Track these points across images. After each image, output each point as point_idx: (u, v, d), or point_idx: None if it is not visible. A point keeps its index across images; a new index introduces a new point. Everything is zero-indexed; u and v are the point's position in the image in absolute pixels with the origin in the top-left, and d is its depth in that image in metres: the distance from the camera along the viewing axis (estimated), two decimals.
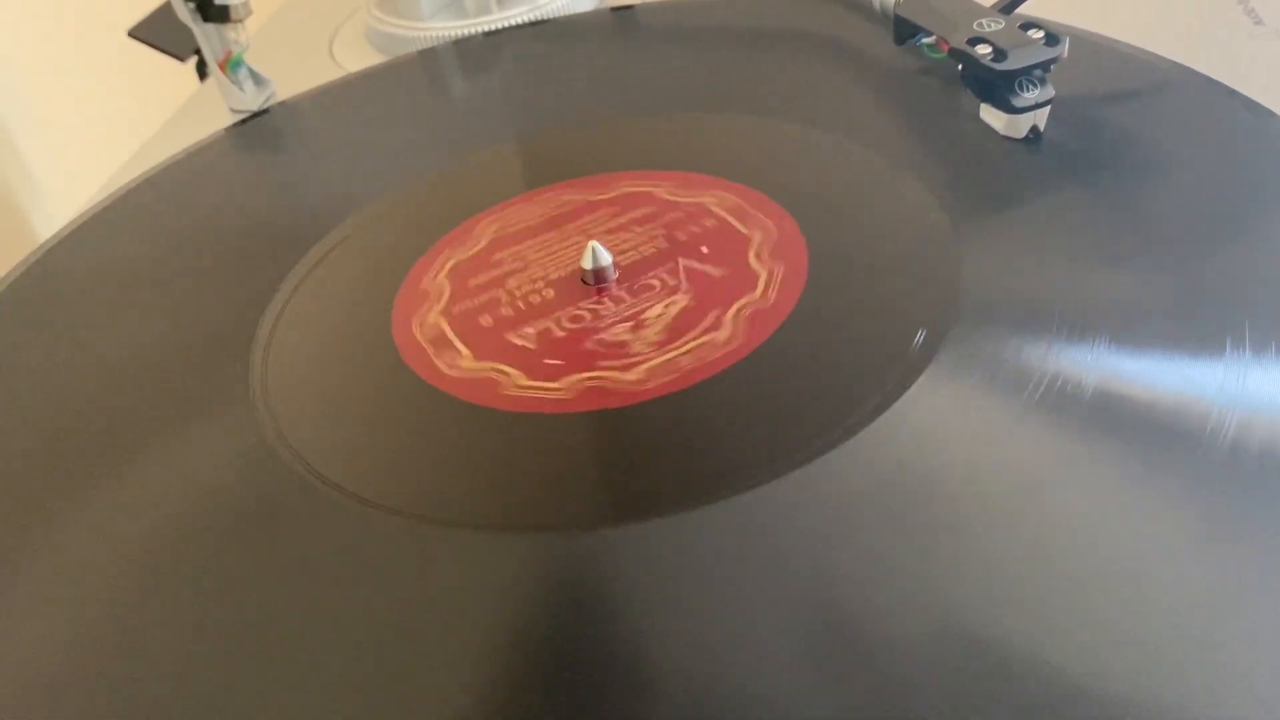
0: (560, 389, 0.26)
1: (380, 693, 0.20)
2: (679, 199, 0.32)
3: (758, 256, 0.29)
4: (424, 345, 0.28)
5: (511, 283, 0.30)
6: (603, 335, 0.27)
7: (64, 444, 0.27)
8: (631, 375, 0.26)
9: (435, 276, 0.31)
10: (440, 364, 0.27)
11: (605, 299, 0.28)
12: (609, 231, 0.31)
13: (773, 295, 0.27)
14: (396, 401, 0.27)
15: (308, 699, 0.20)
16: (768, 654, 0.19)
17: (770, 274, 0.28)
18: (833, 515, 0.22)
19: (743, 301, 0.27)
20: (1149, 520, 0.21)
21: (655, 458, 0.24)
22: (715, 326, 0.26)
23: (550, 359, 0.27)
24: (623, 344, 0.27)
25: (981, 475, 0.22)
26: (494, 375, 0.26)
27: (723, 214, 0.31)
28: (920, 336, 0.25)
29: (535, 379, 0.26)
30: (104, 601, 0.23)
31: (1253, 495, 0.21)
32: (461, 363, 0.27)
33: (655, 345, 0.26)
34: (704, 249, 0.29)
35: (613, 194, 0.33)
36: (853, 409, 0.23)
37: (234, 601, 0.22)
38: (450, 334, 0.28)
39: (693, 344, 0.26)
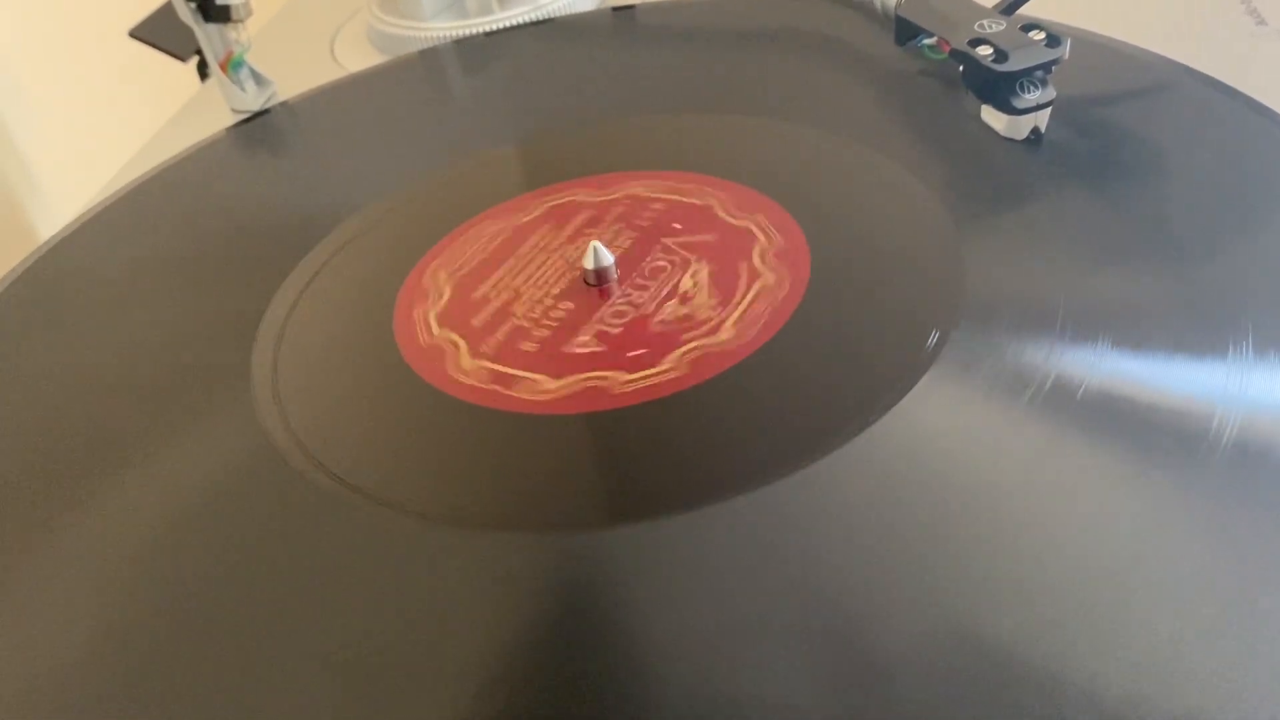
0: (668, 369, 0.26)
1: (383, 691, 0.20)
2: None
3: (729, 214, 0.29)
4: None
5: (518, 307, 0.29)
6: (661, 316, 0.27)
7: (66, 444, 0.27)
8: (722, 335, 0.26)
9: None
10: (518, 392, 0.27)
11: (628, 291, 0.28)
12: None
13: (781, 240, 0.28)
14: (407, 403, 0.27)
15: (310, 697, 0.20)
16: (772, 655, 0.19)
17: (759, 226, 0.28)
18: (836, 516, 0.22)
19: (758, 247, 0.27)
20: (1152, 521, 0.21)
21: (659, 458, 0.24)
22: (754, 274, 0.27)
23: (633, 351, 0.26)
24: (687, 316, 0.27)
25: (984, 476, 0.22)
26: (595, 383, 0.26)
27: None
28: (930, 337, 0.25)
29: (634, 371, 0.26)
30: (111, 601, 0.23)
31: (1255, 496, 0.21)
32: (542, 387, 0.27)
33: (719, 304, 0.27)
34: (676, 225, 0.29)
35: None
36: (856, 410, 0.23)
37: (240, 602, 0.22)
38: (510, 369, 0.27)
39: (752, 292, 0.27)
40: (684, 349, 0.26)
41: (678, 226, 0.30)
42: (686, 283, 0.28)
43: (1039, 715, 0.18)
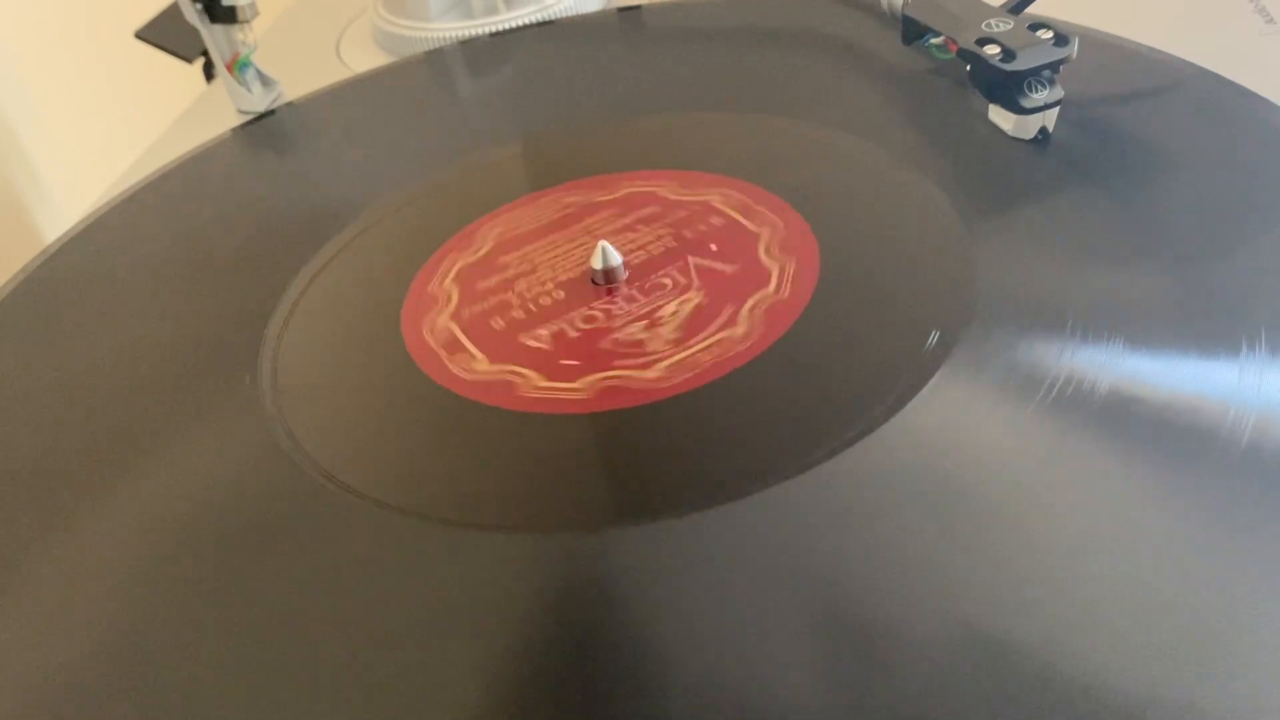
0: (579, 389, 0.26)
1: (393, 691, 0.20)
2: (686, 198, 0.32)
3: (768, 252, 0.29)
4: (435, 348, 0.28)
5: (520, 284, 0.30)
6: (618, 335, 0.27)
7: (73, 445, 0.27)
8: (651, 373, 0.26)
9: (443, 279, 0.31)
10: (453, 367, 0.27)
11: (617, 299, 0.28)
12: (616, 231, 0.31)
13: (786, 291, 0.27)
14: (410, 404, 0.27)
15: (319, 699, 0.20)
16: (782, 656, 0.19)
17: (783, 269, 0.28)
18: (847, 516, 0.21)
19: (757, 297, 0.27)
20: (1165, 520, 0.21)
21: (670, 457, 0.24)
22: (731, 323, 0.26)
23: (567, 359, 0.27)
24: (639, 342, 0.27)
25: (995, 476, 0.22)
26: (510, 377, 0.26)
27: (731, 213, 0.31)
28: (934, 336, 0.25)
29: (554, 380, 0.26)
30: (117, 606, 0.23)
31: (1270, 495, 0.20)
32: (475, 365, 0.27)
33: (672, 343, 0.26)
34: (713, 246, 0.29)
35: (619, 194, 0.33)
36: (868, 408, 0.23)
37: (246, 604, 0.22)
38: (462, 337, 0.28)
39: (710, 340, 0.26)
40: (604, 374, 0.26)
41: (714, 248, 0.29)
42: (669, 309, 0.28)
43: (1052, 715, 0.18)
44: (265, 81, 0.43)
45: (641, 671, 0.20)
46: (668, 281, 0.29)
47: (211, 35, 0.41)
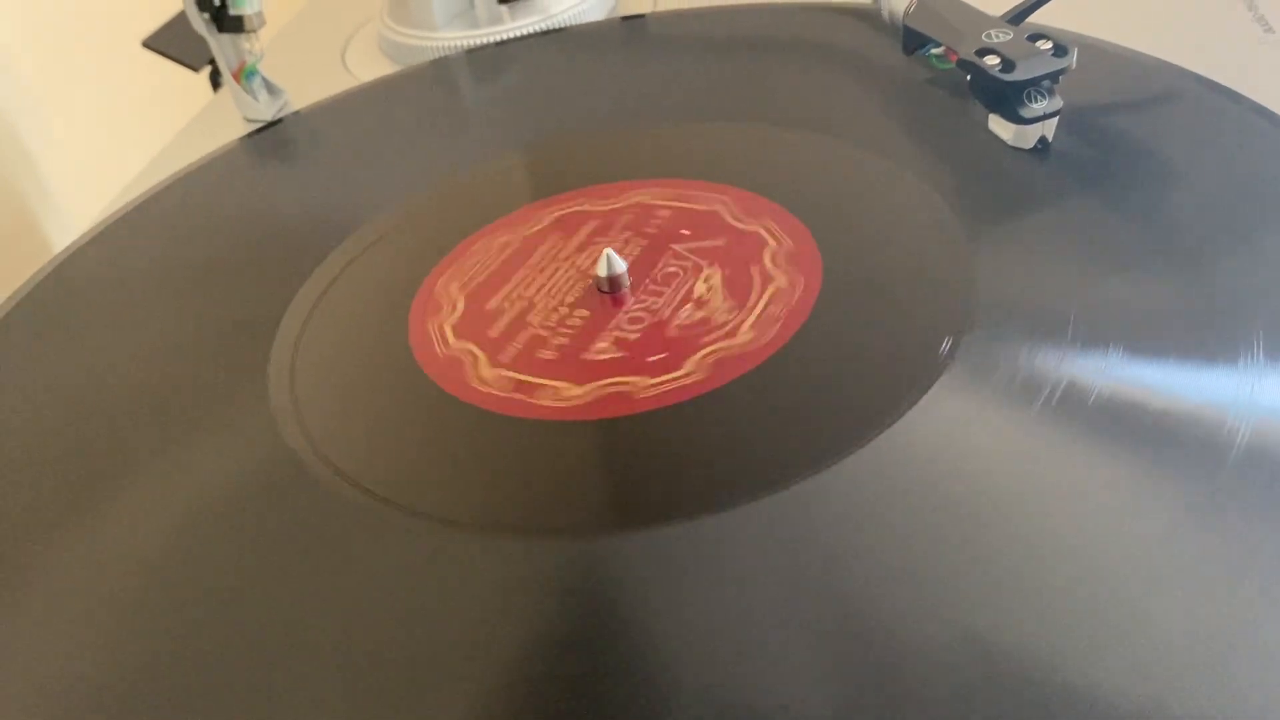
0: (690, 371, 0.26)
1: (403, 695, 0.20)
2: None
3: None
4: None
5: (535, 294, 0.30)
6: (677, 321, 0.27)
7: (80, 454, 0.27)
8: (741, 337, 0.26)
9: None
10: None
11: (643, 297, 0.29)
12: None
13: (790, 244, 0.28)
14: (418, 411, 0.27)
15: (329, 702, 0.20)
16: (792, 660, 0.19)
17: (768, 230, 0.28)
18: (853, 520, 0.22)
19: (769, 250, 0.27)
20: (1165, 526, 0.21)
21: (673, 463, 0.24)
22: (767, 276, 0.27)
23: (653, 356, 0.27)
24: (704, 320, 0.27)
25: (997, 481, 0.22)
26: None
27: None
28: (943, 343, 0.25)
29: (656, 375, 0.26)
30: (129, 606, 0.23)
31: (1268, 502, 0.21)
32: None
33: (734, 308, 0.27)
34: (684, 231, 0.30)
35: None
36: (871, 415, 0.24)
37: (258, 606, 0.22)
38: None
39: (767, 294, 0.27)
40: (704, 352, 0.26)
41: (686, 233, 0.30)
42: (700, 287, 0.28)
43: (1056, 719, 0.18)
44: (272, 90, 0.43)
45: (656, 675, 0.20)
46: (675, 269, 0.29)
47: (219, 44, 0.42)
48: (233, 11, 0.40)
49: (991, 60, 0.31)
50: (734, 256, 0.29)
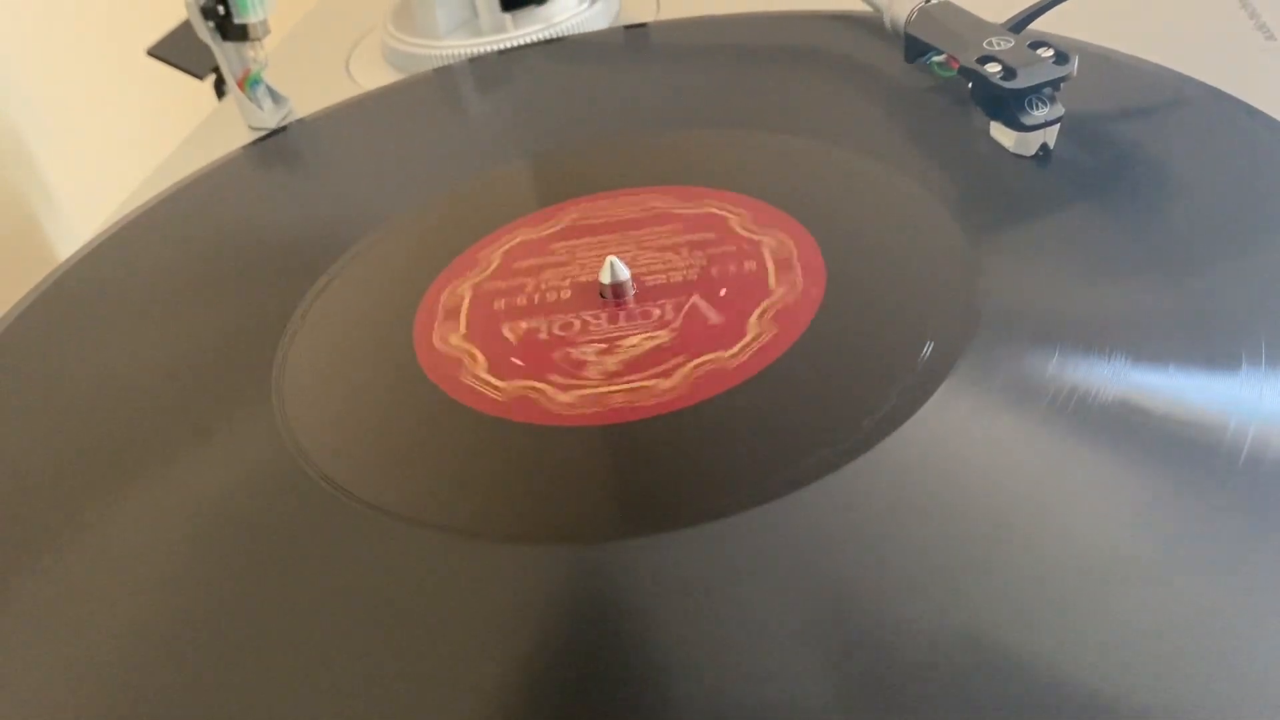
0: (501, 389, 0.26)
1: (403, 702, 0.20)
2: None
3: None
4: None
5: (548, 274, 0.30)
6: (573, 350, 0.27)
7: (83, 461, 0.28)
8: (564, 397, 0.26)
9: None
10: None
11: (604, 315, 0.29)
12: (661, 249, 0.31)
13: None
14: (423, 417, 0.27)
15: (330, 709, 0.20)
16: (790, 666, 0.19)
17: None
18: (855, 527, 0.22)
19: (714, 355, 0.27)
20: (1167, 532, 0.21)
21: (672, 471, 0.24)
22: (666, 374, 0.26)
23: (515, 358, 0.27)
24: (580, 364, 0.27)
25: (1000, 488, 0.22)
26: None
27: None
28: (939, 349, 0.25)
29: (491, 374, 0.27)
30: (129, 615, 0.23)
31: (1272, 507, 0.21)
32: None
33: (607, 376, 0.27)
34: (722, 293, 0.29)
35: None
36: (872, 421, 0.24)
37: (258, 611, 0.23)
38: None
39: (635, 384, 0.26)
40: (526, 383, 0.27)
41: (722, 294, 0.29)
42: (632, 340, 0.28)
43: None
44: (276, 98, 0.44)
45: (653, 682, 0.20)
46: (657, 312, 0.29)
47: (223, 52, 0.42)
48: (237, 20, 0.40)
49: (993, 68, 0.31)
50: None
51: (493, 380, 0.27)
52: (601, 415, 0.25)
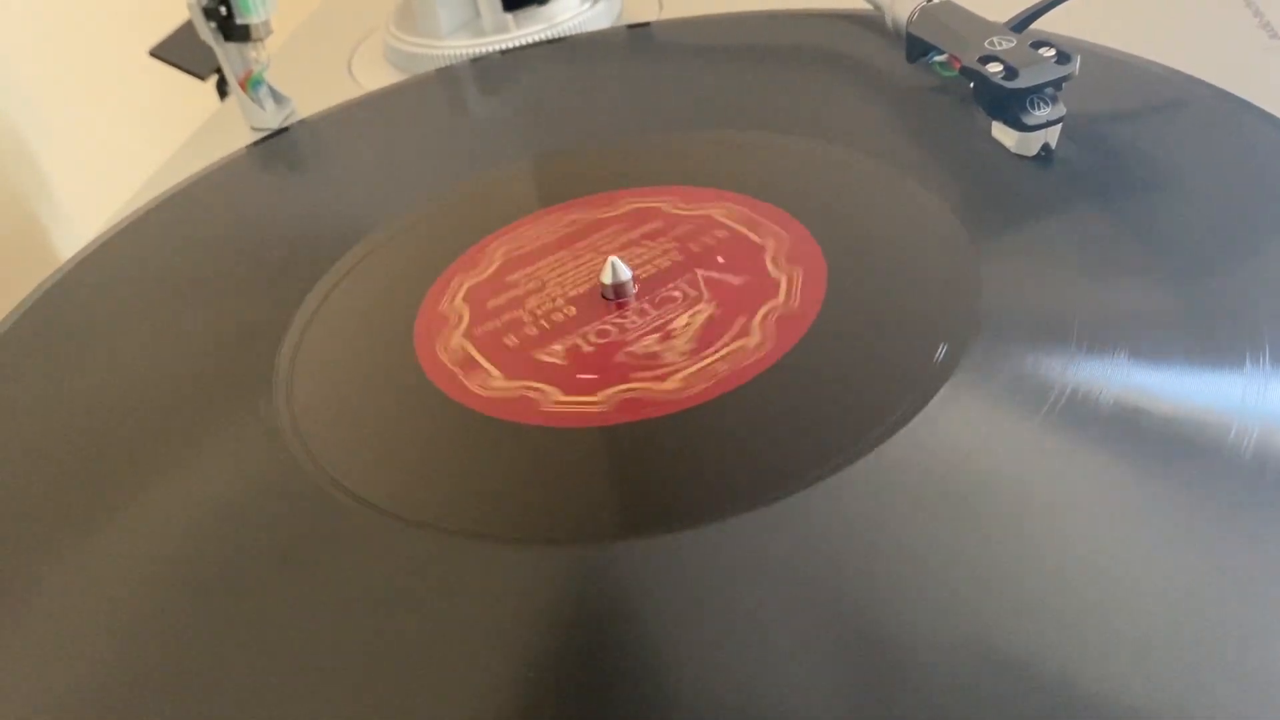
0: (597, 402, 0.26)
1: (405, 704, 0.20)
2: (690, 212, 0.32)
3: (774, 263, 0.29)
4: (450, 365, 0.28)
5: (531, 301, 0.30)
6: (632, 348, 0.27)
7: (85, 463, 0.28)
8: (668, 384, 0.26)
9: (454, 297, 0.31)
10: (469, 383, 0.27)
11: (628, 313, 0.29)
12: (623, 246, 0.31)
13: (796, 302, 0.28)
14: (430, 422, 0.27)
15: (331, 712, 0.20)
16: (792, 668, 0.19)
17: (790, 279, 0.28)
18: (857, 528, 0.22)
19: (769, 306, 0.27)
20: (1172, 533, 0.21)
21: (680, 471, 0.24)
22: (744, 333, 0.27)
23: (583, 374, 0.27)
24: (654, 355, 0.27)
25: (1003, 487, 0.22)
26: (527, 393, 0.27)
27: (738, 226, 0.31)
28: (942, 349, 0.25)
29: (571, 394, 0.26)
30: (130, 614, 0.23)
31: (1276, 508, 0.21)
32: (491, 382, 0.27)
33: (687, 354, 0.27)
34: (720, 259, 0.30)
35: (624, 209, 0.33)
36: (875, 422, 0.24)
37: (259, 615, 0.23)
38: (476, 354, 0.28)
39: (725, 350, 0.26)
40: (622, 387, 0.26)
41: (721, 260, 0.30)
42: (681, 321, 0.28)
43: None
44: (278, 99, 0.44)
45: (656, 683, 0.20)
46: (678, 294, 0.29)
47: (225, 53, 0.42)
48: (239, 20, 0.41)
49: (994, 68, 0.31)
50: (737, 300, 0.29)
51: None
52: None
